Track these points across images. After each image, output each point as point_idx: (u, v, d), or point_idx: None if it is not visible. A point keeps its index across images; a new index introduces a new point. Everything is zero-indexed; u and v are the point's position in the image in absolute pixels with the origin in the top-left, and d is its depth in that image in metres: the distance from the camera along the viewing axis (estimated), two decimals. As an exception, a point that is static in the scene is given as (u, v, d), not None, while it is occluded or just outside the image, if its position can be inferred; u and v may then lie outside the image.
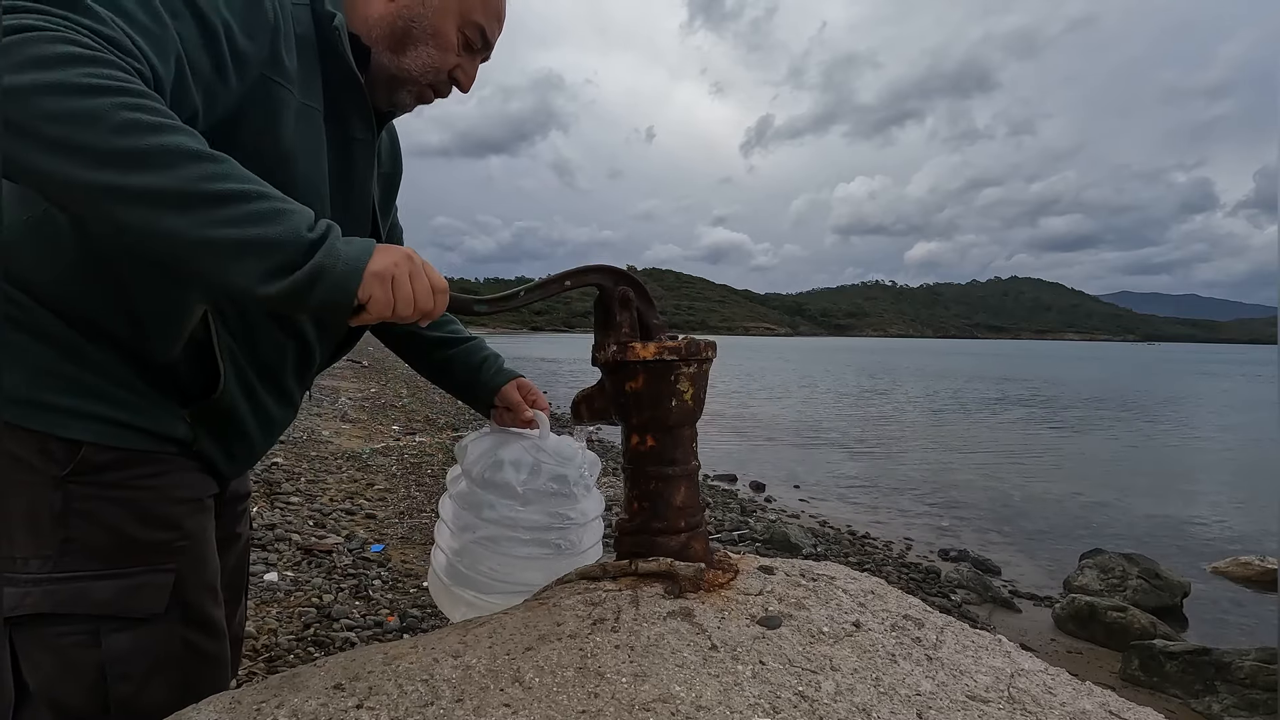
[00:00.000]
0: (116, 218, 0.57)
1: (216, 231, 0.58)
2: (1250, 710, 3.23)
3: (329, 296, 0.63)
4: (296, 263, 0.61)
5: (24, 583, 0.71)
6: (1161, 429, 14.84)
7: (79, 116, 0.54)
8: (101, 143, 0.54)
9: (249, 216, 0.59)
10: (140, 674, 0.76)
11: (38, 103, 0.53)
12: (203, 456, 0.83)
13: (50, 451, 0.72)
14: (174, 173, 0.57)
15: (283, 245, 0.61)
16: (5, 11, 0.54)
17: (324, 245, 0.63)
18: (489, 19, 0.91)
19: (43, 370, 0.72)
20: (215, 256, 0.59)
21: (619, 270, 0.95)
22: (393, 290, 0.68)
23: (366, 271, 0.65)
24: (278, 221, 0.61)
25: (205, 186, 0.58)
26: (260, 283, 0.61)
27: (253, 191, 0.60)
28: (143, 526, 0.76)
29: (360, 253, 0.66)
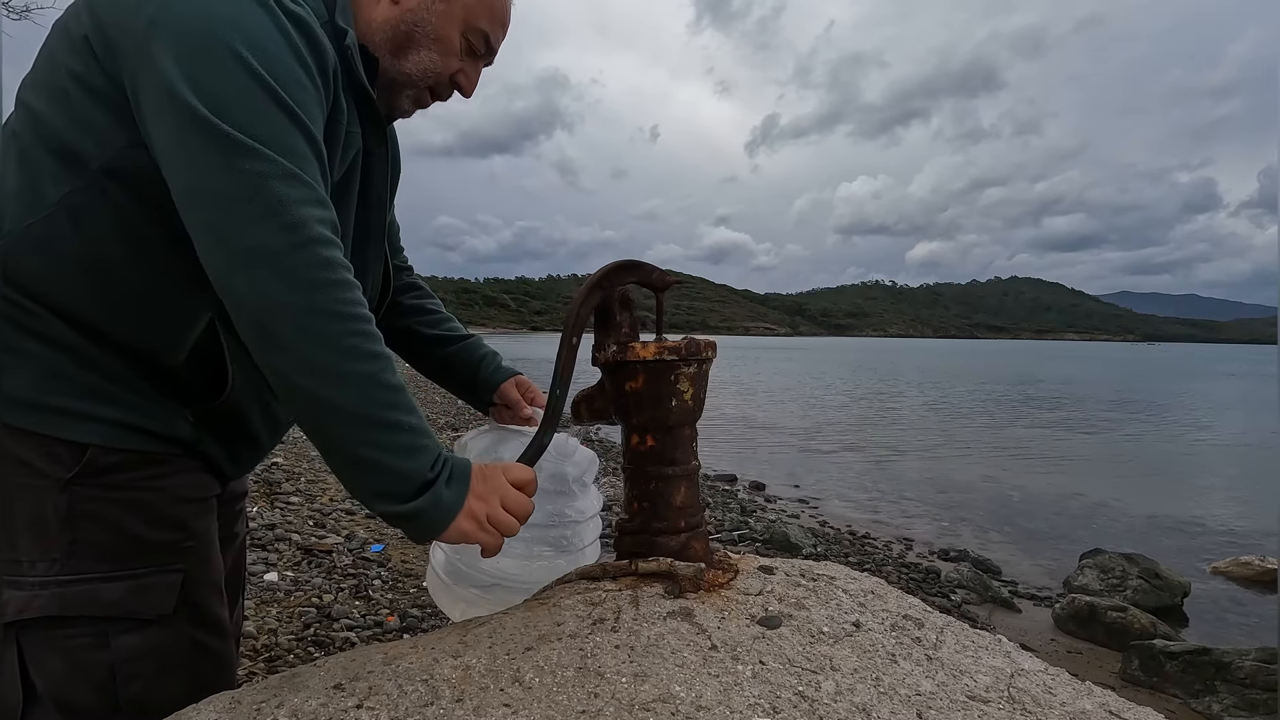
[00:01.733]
0: (299, 411, 0.69)
1: (364, 451, 0.69)
2: (1250, 710, 3.23)
3: (419, 533, 0.74)
4: (407, 496, 0.71)
5: (31, 585, 0.71)
6: (1161, 429, 14.84)
7: (320, 337, 0.66)
8: (324, 359, 0.66)
9: (393, 447, 0.69)
10: (150, 674, 0.76)
11: (299, 320, 0.65)
12: (207, 457, 0.83)
13: (56, 454, 0.72)
14: (361, 398, 0.68)
15: (407, 478, 0.70)
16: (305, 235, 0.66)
17: (431, 491, 0.72)
18: (494, 25, 0.91)
19: (48, 373, 0.72)
20: (350, 465, 0.70)
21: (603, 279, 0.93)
22: (493, 526, 0.77)
23: (452, 526, 0.74)
24: (413, 457, 0.71)
25: (375, 413, 0.68)
26: (377, 501, 0.71)
27: (405, 424, 0.70)
28: (150, 527, 0.76)
29: (455, 501, 0.74)
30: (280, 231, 0.64)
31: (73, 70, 0.69)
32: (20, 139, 0.72)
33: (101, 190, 0.70)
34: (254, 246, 0.64)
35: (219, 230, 0.65)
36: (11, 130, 0.74)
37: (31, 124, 0.72)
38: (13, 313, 0.71)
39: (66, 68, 0.70)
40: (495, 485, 0.78)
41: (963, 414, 16.84)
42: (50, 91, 0.71)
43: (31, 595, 0.71)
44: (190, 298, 0.75)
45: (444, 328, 1.19)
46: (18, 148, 0.72)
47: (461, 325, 1.23)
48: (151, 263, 0.73)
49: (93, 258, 0.72)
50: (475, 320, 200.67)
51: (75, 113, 0.69)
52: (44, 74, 0.72)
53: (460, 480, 0.75)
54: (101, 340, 0.73)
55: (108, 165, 0.70)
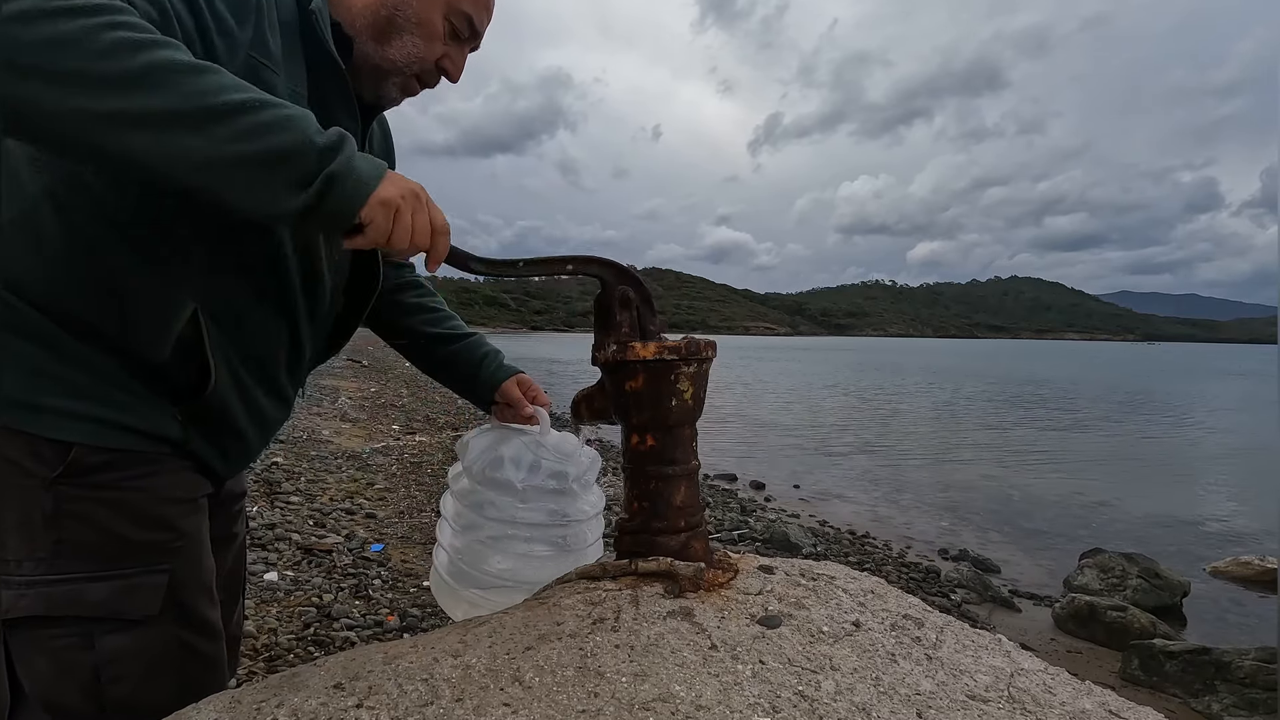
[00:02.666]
0: (125, 146, 0.55)
1: (232, 147, 0.57)
2: (1250, 710, 3.23)
3: (333, 207, 0.63)
4: (312, 172, 0.60)
5: (17, 585, 0.71)
6: (1161, 428, 14.85)
7: (62, 41, 0.52)
8: (93, 67, 0.52)
9: (260, 127, 0.58)
10: (136, 675, 0.75)
11: (13, 32, 0.51)
12: (196, 456, 0.82)
13: (41, 453, 0.71)
14: (176, 90, 0.55)
15: (296, 152, 0.59)
16: None
17: (339, 154, 0.62)
18: (477, 8, 0.89)
19: (32, 371, 0.71)
20: (233, 177, 0.58)
21: (621, 267, 0.94)
22: (394, 220, 0.67)
23: (372, 196, 0.65)
24: (286, 129, 0.59)
25: (211, 101, 0.56)
26: (283, 198, 0.60)
27: (254, 100, 0.58)
28: (136, 527, 0.75)
29: (371, 173, 0.65)
30: None
31: None
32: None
33: (79, 179, 0.70)
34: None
35: None
36: None
37: None
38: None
39: None
40: (414, 187, 0.70)
41: (963, 413, 16.84)
42: None
43: (18, 595, 0.71)
44: (172, 287, 0.75)
45: (446, 326, 1.19)
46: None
47: (463, 324, 1.23)
48: (132, 252, 0.72)
49: (74, 249, 0.71)
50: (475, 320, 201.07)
51: None
52: None
53: (374, 163, 0.66)
54: (86, 336, 0.72)
55: None
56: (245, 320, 0.82)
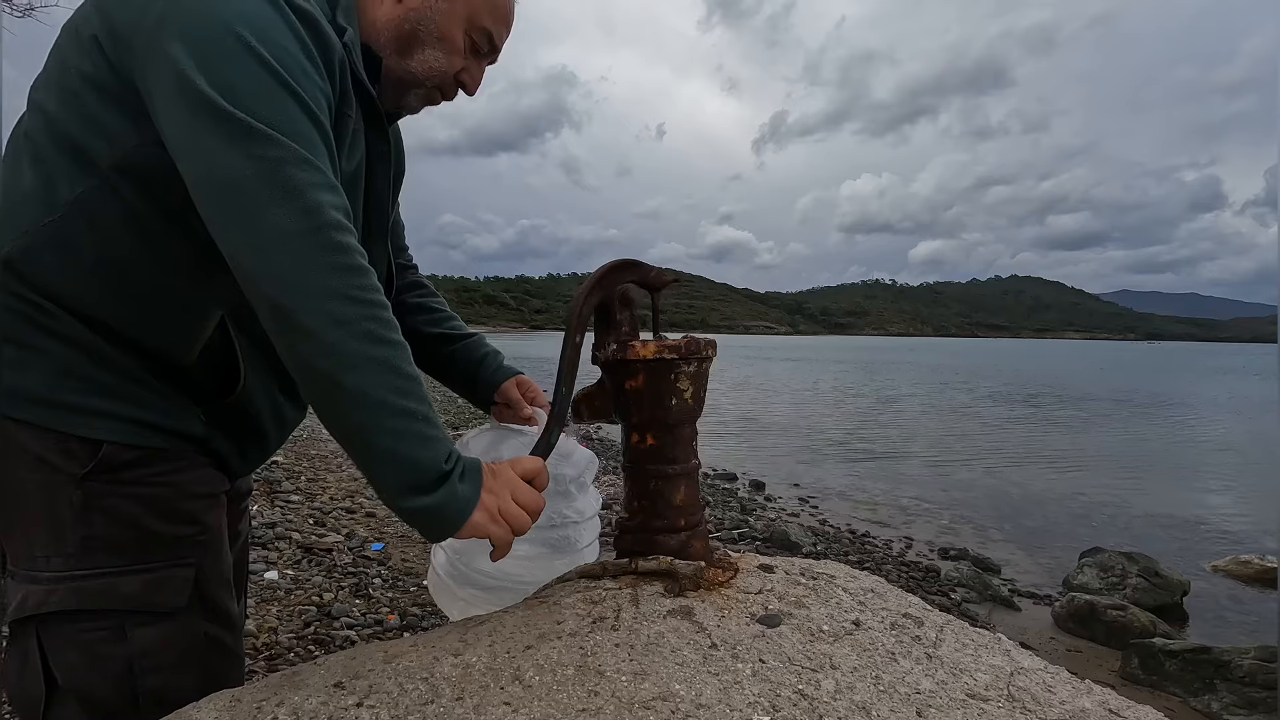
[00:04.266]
0: (317, 396, 0.68)
1: (381, 439, 0.68)
2: (1250, 708, 3.23)
3: (436, 531, 0.73)
4: (428, 486, 0.70)
5: (47, 580, 0.72)
6: (1161, 428, 14.85)
7: (337, 320, 0.65)
8: (341, 343, 0.65)
9: (409, 435, 0.69)
10: (167, 667, 0.77)
11: (316, 303, 0.65)
12: (216, 454, 0.84)
13: (71, 450, 0.72)
14: (378, 383, 0.67)
15: (422, 469, 0.70)
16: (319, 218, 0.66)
17: (446, 485, 0.71)
18: (497, 24, 0.91)
19: (63, 371, 0.72)
20: (368, 455, 0.69)
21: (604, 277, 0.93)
22: (505, 520, 0.77)
23: (468, 522, 0.74)
24: (428, 446, 0.70)
25: (391, 400, 0.68)
26: (398, 495, 0.70)
27: (420, 413, 0.70)
28: (163, 522, 0.77)
29: (471, 495, 0.74)
30: (298, 215, 0.64)
31: (83, 71, 0.70)
32: (34, 140, 0.73)
33: (113, 189, 0.71)
34: (272, 230, 0.64)
35: (236, 215, 0.65)
36: (24, 131, 0.75)
37: (44, 125, 0.72)
38: (30, 311, 0.72)
39: (76, 68, 0.71)
40: (506, 480, 0.78)
41: (963, 412, 16.84)
42: (61, 92, 0.72)
43: (49, 590, 0.72)
44: (202, 296, 0.77)
45: (446, 326, 1.19)
46: (32, 148, 0.73)
47: (463, 323, 1.23)
48: (163, 261, 0.74)
49: (106, 256, 0.72)
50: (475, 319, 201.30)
51: (86, 112, 0.70)
52: (55, 75, 0.73)
53: (473, 475, 0.75)
54: (116, 339, 0.74)
55: (119, 164, 0.70)
56: None
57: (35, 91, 0.75)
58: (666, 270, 0.97)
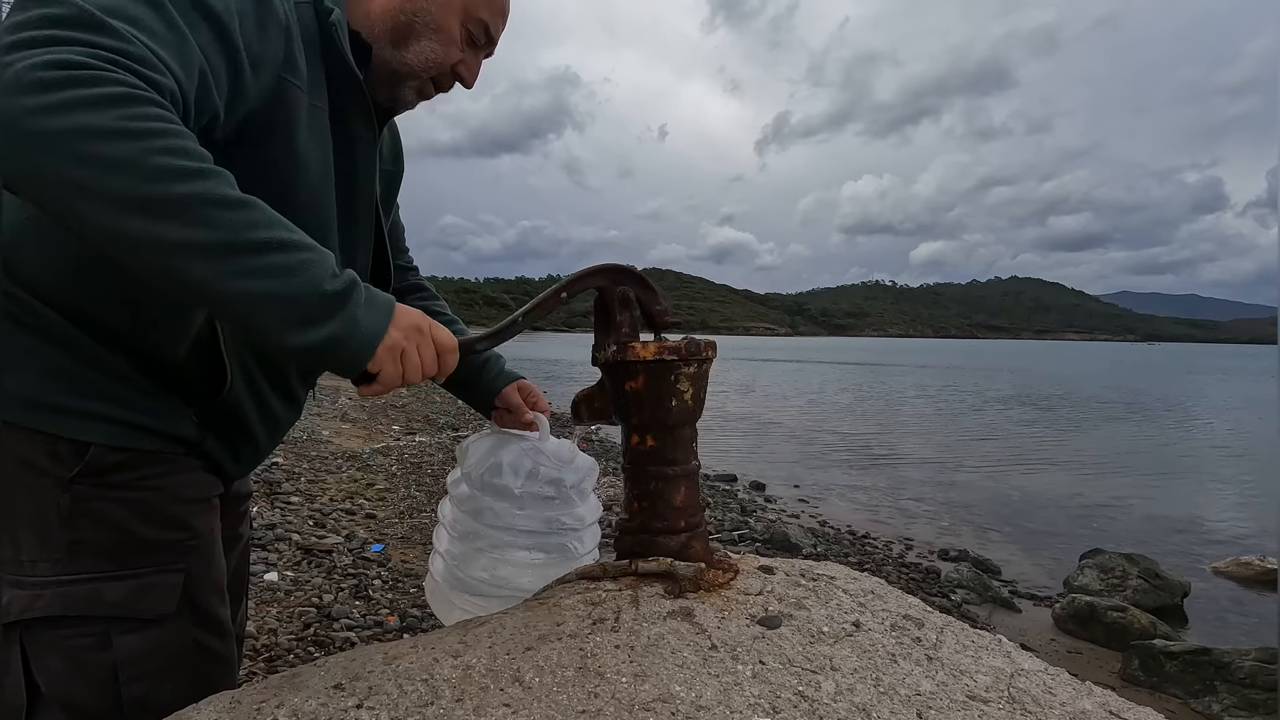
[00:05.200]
0: (141, 263, 0.58)
1: (238, 284, 0.58)
2: (1250, 710, 3.23)
3: (345, 363, 0.66)
4: (318, 317, 0.62)
5: (33, 585, 0.71)
6: (1161, 428, 14.85)
7: (112, 163, 0.54)
8: (132, 189, 0.55)
9: (271, 269, 0.60)
10: (152, 674, 0.76)
11: (74, 147, 0.53)
12: (209, 456, 0.83)
13: (58, 453, 0.71)
14: (201, 222, 0.57)
15: (300, 300, 0.61)
16: (43, 44, 0.54)
17: (344, 311, 0.64)
18: (493, 15, 0.91)
19: (50, 371, 0.71)
20: (237, 309, 0.60)
21: (615, 268, 0.94)
22: (402, 362, 0.70)
23: (379, 347, 0.67)
24: (297, 274, 0.61)
25: (230, 238, 0.58)
26: (285, 335, 0.62)
27: (276, 240, 0.61)
28: (152, 527, 0.76)
29: (376, 326, 0.67)
30: (34, 54, 0.53)
31: None
32: None
33: None
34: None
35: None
36: None
37: None
38: (15, 309, 0.71)
39: None
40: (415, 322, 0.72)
41: (963, 414, 16.83)
42: None
43: (34, 595, 0.71)
44: None
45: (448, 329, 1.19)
46: None
47: (465, 328, 1.23)
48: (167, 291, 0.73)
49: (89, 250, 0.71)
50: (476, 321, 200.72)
51: None
52: None
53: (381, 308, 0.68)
54: (103, 337, 0.73)
55: None
56: None
57: None
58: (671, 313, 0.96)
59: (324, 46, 0.81)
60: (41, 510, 0.71)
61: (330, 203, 0.84)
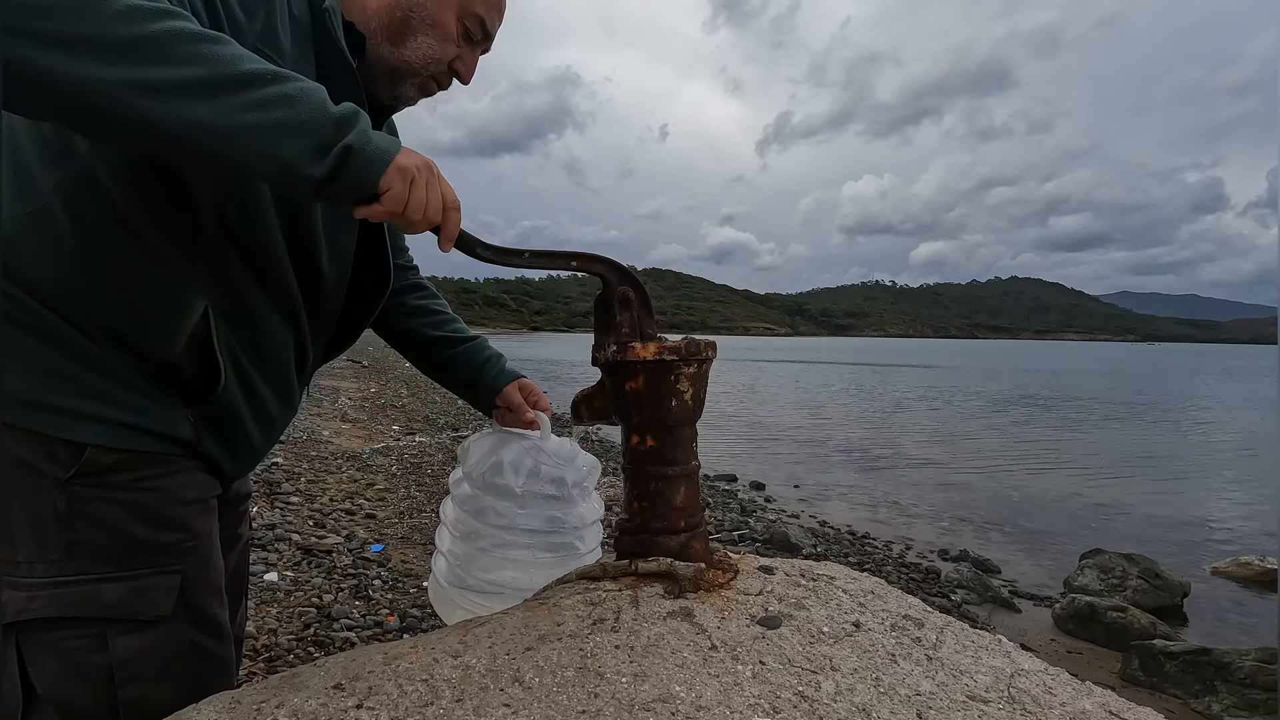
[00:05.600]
0: (137, 114, 0.54)
1: (248, 117, 0.56)
2: (1250, 710, 3.23)
3: (354, 176, 0.64)
4: (329, 142, 0.60)
5: (30, 586, 0.71)
6: (1161, 428, 14.84)
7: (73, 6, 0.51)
8: (105, 33, 0.51)
9: (275, 99, 0.57)
10: (149, 676, 0.75)
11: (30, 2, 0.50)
12: (206, 457, 0.83)
13: (54, 454, 0.71)
14: (190, 59, 0.54)
15: (314, 125, 0.60)
16: None
17: (355, 126, 0.63)
18: (489, 10, 0.90)
19: (46, 371, 0.71)
20: (249, 146, 0.58)
21: (623, 268, 0.94)
22: (409, 189, 0.68)
23: (392, 164, 0.66)
24: (303, 101, 0.59)
25: (226, 70, 0.55)
26: (303, 166, 0.60)
27: (268, 71, 0.58)
28: (149, 528, 0.75)
29: (389, 143, 0.66)
30: None
31: None
32: (12, 131, 0.72)
33: (91, 177, 0.70)
34: None
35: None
36: (6, 123, 0.73)
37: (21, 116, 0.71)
38: (11, 308, 0.71)
39: None
40: (428, 160, 0.71)
41: (963, 414, 16.83)
42: None
43: (30, 596, 0.71)
44: (183, 286, 0.75)
45: (448, 329, 1.19)
46: (12, 140, 0.71)
47: (466, 326, 1.23)
48: (144, 250, 0.73)
49: (86, 249, 0.71)
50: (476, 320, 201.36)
51: None
52: None
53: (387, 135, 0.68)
54: (99, 334, 0.73)
55: (96, 151, 0.69)
56: (253, 319, 0.82)
57: None
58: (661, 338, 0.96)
59: (317, 34, 0.80)
60: (38, 511, 0.71)
61: None
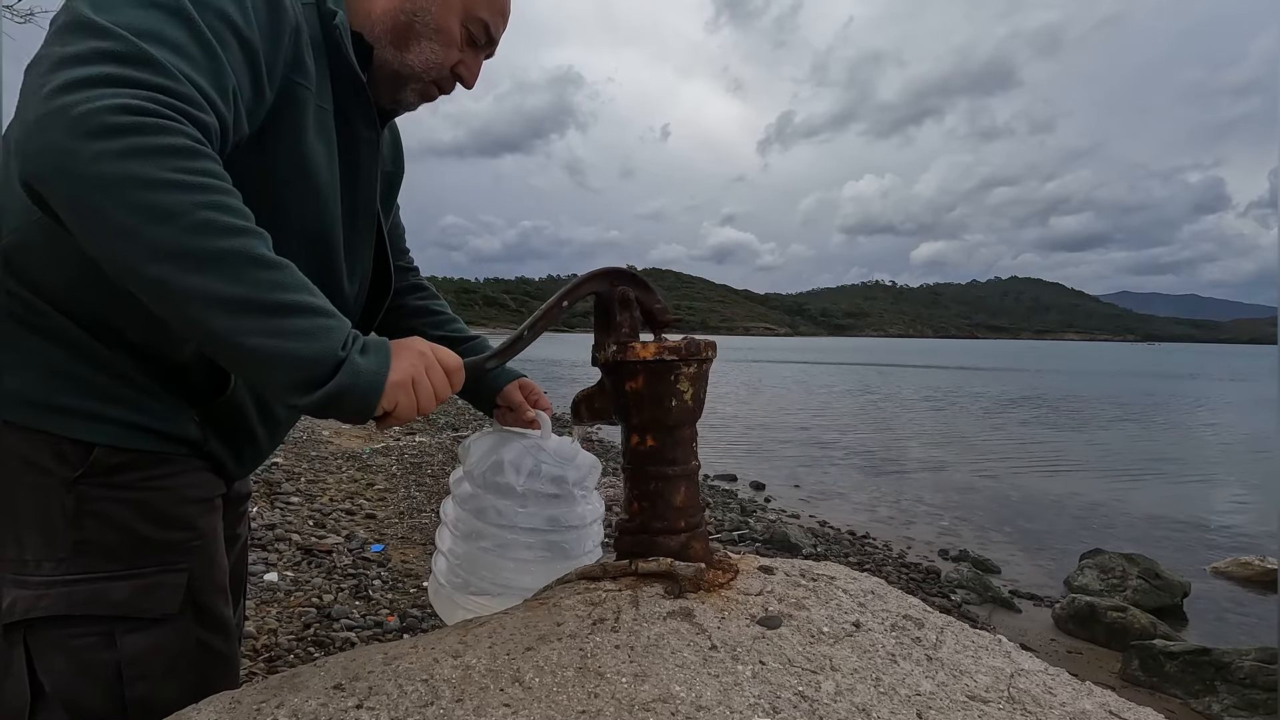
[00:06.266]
0: (163, 307, 0.59)
1: (254, 340, 0.60)
2: (1250, 710, 3.23)
3: (353, 411, 0.66)
4: (324, 379, 0.63)
5: (37, 585, 0.71)
6: (1161, 429, 14.84)
7: (161, 212, 0.56)
8: (175, 239, 0.57)
9: (290, 331, 0.61)
10: (156, 674, 0.76)
11: (130, 194, 0.55)
12: (212, 457, 0.83)
13: (63, 454, 0.72)
14: (234, 277, 0.59)
15: (314, 363, 0.62)
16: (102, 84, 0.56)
17: (345, 363, 0.64)
18: (493, 15, 0.91)
19: (55, 372, 0.72)
20: (250, 363, 0.61)
21: (613, 271, 0.94)
22: (415, 393, 0.71)
23: (386, 384, 0.67)
24: (315, 339, 0.63)
25: (262, 296, 0.60)
26: (289, 394, 0.63)
27: (300, 304, 0.62)
28: (156, 527, 0.76)
29: (379, 366, 0.67)
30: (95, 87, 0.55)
31: None
32: None
33: None
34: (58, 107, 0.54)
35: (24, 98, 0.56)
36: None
37: None
38: (19, 310, 0.71)
39: None
40: (421, 353, 0.73)
41: (962, 414, 16.83)
42: None
43: (38, 594, 0.71)
44: None
45: (449, 329, 1.19)
46: None
47: (465, 326, 1.23)
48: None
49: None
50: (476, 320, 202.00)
51: None
52: None
53: (378, 348, 0.69)
54: (108, 338, 0.73)
55: None
56: None
57: None
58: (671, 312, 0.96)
59: (327, 48, 0.81)
60: (46, 511, 0.72)
61: (336, 204, 0.85)
